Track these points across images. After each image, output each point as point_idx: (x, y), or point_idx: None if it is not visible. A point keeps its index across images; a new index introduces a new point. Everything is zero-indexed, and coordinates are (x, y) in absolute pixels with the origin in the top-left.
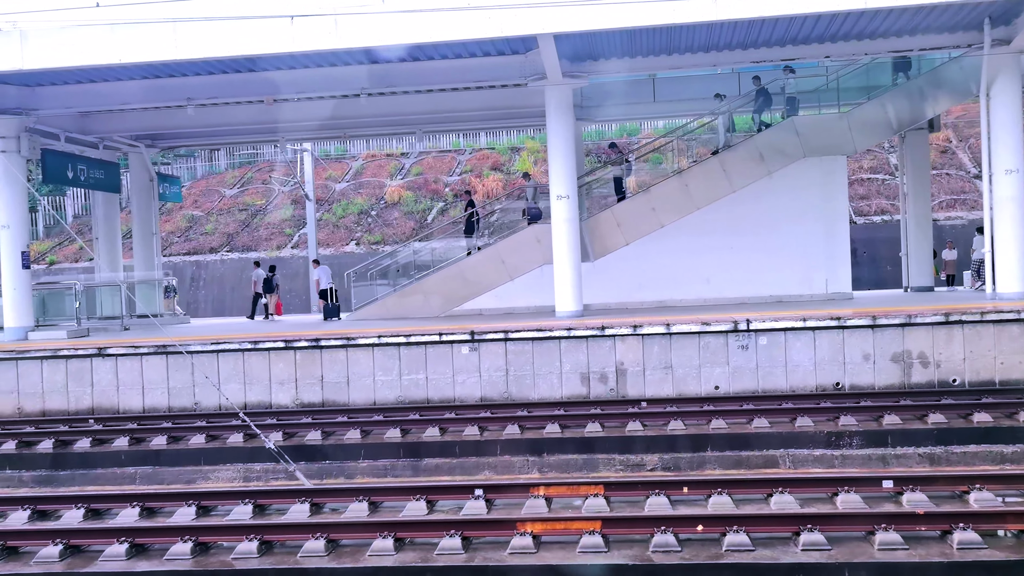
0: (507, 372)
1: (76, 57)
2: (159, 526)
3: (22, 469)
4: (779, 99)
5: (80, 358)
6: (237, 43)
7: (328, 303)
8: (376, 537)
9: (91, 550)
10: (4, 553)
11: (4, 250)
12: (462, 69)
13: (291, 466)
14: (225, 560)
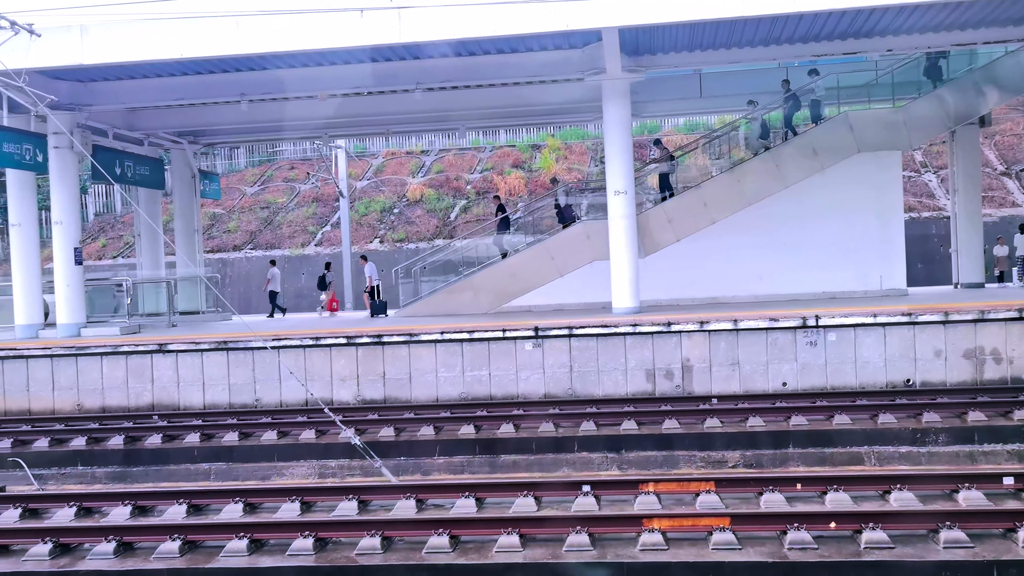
0: (571, 368)
1: (136, 52)
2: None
3: (94, 465)
4: (809, 100)
5: (140, 354)
6: (303, 37)
7: (375, 300)
8: (501, 534)
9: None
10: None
11: (57, 246)
12: (516, 64)
13: (377, 462)
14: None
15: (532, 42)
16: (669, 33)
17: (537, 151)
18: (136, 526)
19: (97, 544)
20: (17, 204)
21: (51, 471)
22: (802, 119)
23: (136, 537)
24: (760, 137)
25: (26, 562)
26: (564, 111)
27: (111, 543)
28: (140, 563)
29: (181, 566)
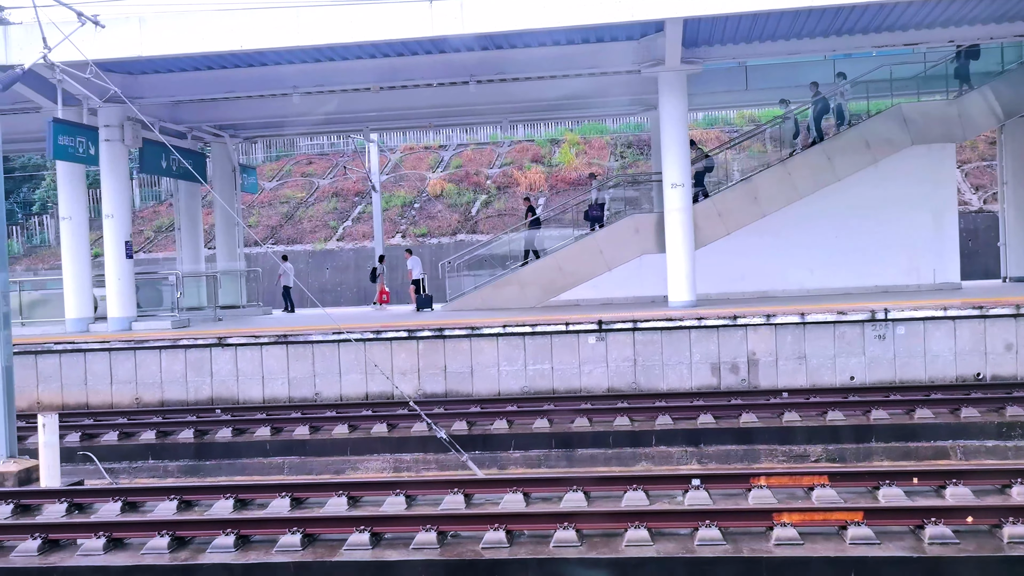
0: (635, 362)
1: (194, 44)
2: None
3: (165, 459)
4: (836, 103)
5: (200, 348)
6: (366, 28)
7: (420, 294)
8: (627, 528)
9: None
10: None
11: (108, 240)
12: (571, 56)
13: (463, 456)
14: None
15: (588, 34)
16: (730, 24)
17: (556, 146)
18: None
19: (216, 537)
20: (68, 197)
21: (122, 465)
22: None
23: (252, 530)
24: (794, 136)
25: (145, 555)
26: (609, 104)
27: (229, 536)
28: (262, 555)
29: (308, 559)
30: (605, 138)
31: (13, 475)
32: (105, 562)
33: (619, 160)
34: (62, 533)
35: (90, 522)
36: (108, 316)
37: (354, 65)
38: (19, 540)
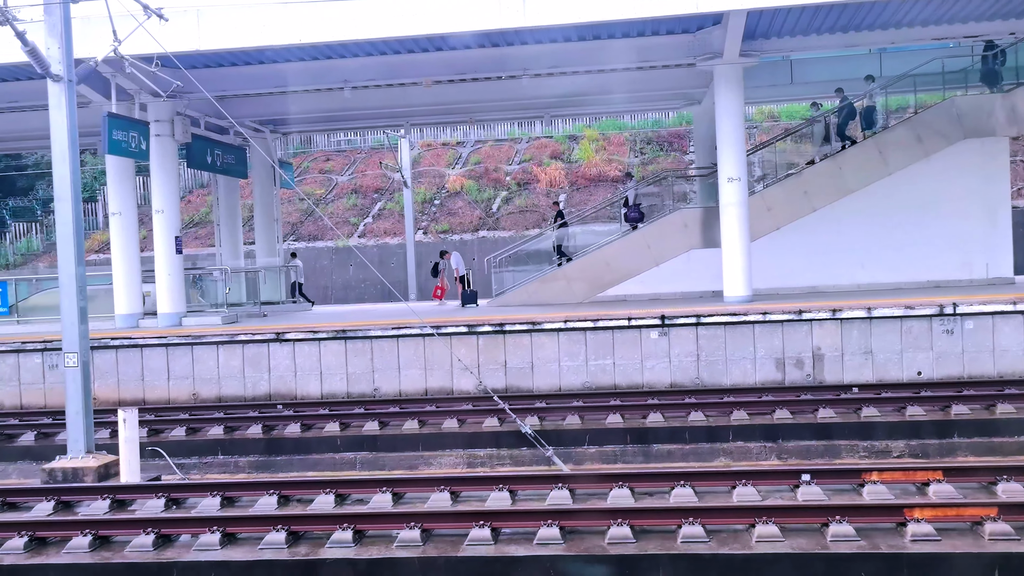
0: (698, 357)
1: (252, 37)
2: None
3: (235, 455)
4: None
5: (258, 343)
6: (425, 22)
7: (465, 290)
8: (755, 523)
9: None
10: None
11: (158, 235)
12: (625, 49)
13: (548, 451)
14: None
15: (643, 27)
16: (791, 16)
17: (574, 142)
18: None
19: (334, 532)
20: (118, 192)
21: (191, 460)
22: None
23: (370, 525)
24: (824, 139)
25: (264, 550)
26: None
27: (347, 531)
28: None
29: (432, 554)
30: (624, 134)
31: (93, 470)
32: (225, 557)
33: (639, 156)
34: (173, 528)
35: (200, 516)
36: (158, 312)
37: (407, 59)
38: (131, 535)
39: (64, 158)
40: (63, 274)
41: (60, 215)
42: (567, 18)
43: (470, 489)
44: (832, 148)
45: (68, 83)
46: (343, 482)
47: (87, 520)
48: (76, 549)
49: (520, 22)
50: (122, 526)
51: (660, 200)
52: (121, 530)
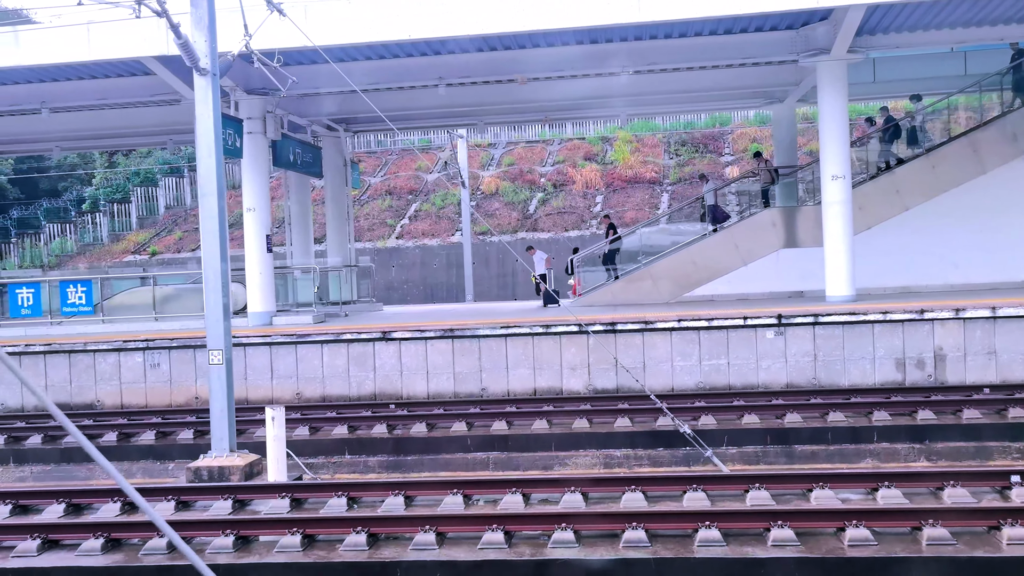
0: (815, 357)
1: (362, 33)
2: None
3: (363, 454)
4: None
5: (363, 342)
6: (538, 17)
7: (547, 290)
8: (922, 525)
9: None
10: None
11: (249, 233)
12: (723, 46)
13: (707, 451)
14: None
15: (745, 22)
16: (906, 11)
17: (607, 143)
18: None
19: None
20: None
21: (317, 460)
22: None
23: (518, 526)
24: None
25: (414, 550)
26: (734, 96)
27: (497, 532)
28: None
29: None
30: (658, 136)
31: (239, 469)
32: (446, 556)
33: (674, 158)
34: (388, 527)
35: (416, 516)
36: (248, 311)
37: (501, 56)
38: (343, 534)
39: (210, 152)
40: (208, 270)
41: (205, 210)
42: (684, 13)
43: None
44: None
45: (213, 76)
46: (475, 482)
47: (295, 519)
48: (289, 548)
49: (635, 17)
50: (328, 524)
51: (762, 198)
52: (326, 529)
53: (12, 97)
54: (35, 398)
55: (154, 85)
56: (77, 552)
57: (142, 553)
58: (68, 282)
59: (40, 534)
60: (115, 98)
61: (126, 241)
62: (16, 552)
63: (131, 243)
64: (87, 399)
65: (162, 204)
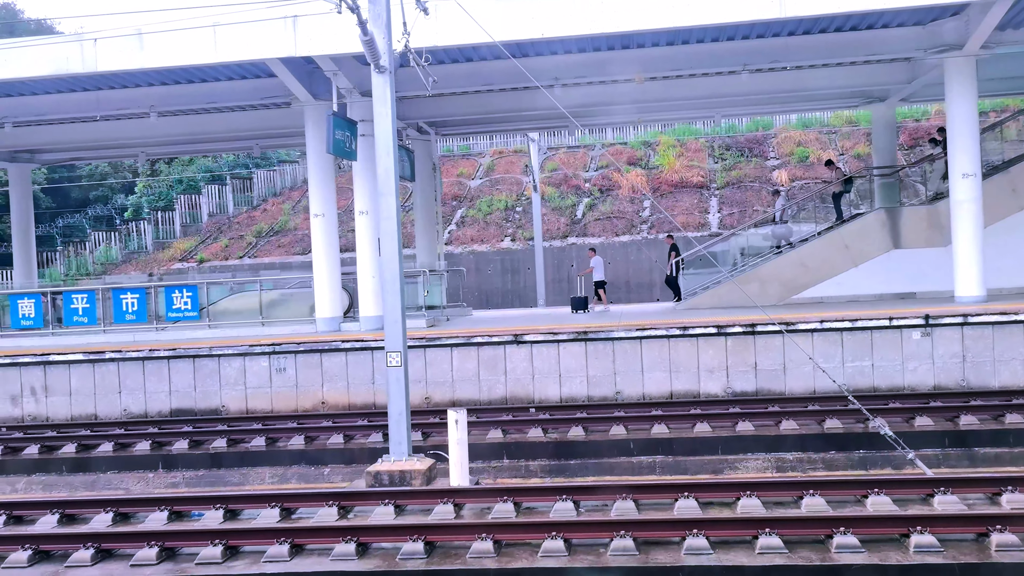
0: (963, 358)
1: (488, 32)
2: None
3: (520, 459)
4: None
5: (494, 345)
6: (671, 14)
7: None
8: None
9: None
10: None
11: (362, 237)
12: (848, 43)
13: (909, 453)
14: None
15: (873, 18)
16: None
17: (649, 148)
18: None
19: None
20: (320, 194)
21: (476, 464)
22: None
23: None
24: None
25: (545, 558)
26: (829, 96)
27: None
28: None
29: None
30: (700, 140)
31: (421, 473)
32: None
33: (719, 162)
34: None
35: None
36: (360, 315)
37: (616, 56)
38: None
39: (388, 151)
40: (386, 271)
41: (384, 210)
42: (823, 9)
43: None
44: None
45: (390, 74)
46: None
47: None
48: (480, 553)
49: (776, 13)
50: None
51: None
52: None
53: (124, 101)
54: (158, 403)
55: (266, 88)
56: (264, 557)
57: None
58: (173, 287)
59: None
60: (224, 101)
61: (172, 249)
62: (201, 559)
63: (177, 251)
64: (212, 404)
65: (205, 212)
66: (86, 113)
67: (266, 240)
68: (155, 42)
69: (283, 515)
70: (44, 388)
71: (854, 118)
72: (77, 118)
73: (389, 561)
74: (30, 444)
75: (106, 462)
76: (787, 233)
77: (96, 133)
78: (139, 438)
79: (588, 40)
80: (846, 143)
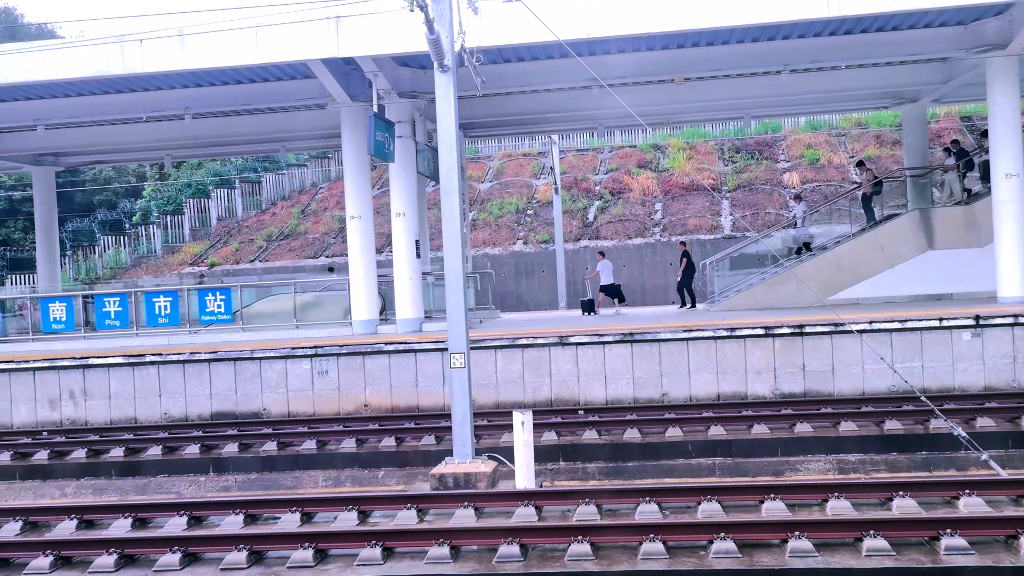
0: (1014, 359)
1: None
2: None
3: (577, 461)
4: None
5: (538, 347)
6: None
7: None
8: None
9: None
10: None
11: (398, 239)
12: (889, 42)
13: (983, 455)
14: None
15: (915, 18)
16: None
17: (658, 151)
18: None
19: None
20: (357, 197)
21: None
22: None
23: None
24: None
25: (645, 560)
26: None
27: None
28: None
29: None
30: (710, 143)
31: (486, 476)
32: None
33: (729, 165)
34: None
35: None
36: (397, 317)
37: (664, 56)
38: None
39: (452, 151)
40: (450, 271)
41: (446, 210)
42: (872, 7)
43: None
44: None
45: (453, 73)
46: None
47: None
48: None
49: (823, 12)
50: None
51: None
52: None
53: (159, 103)
54: (199, 407)
55: (303, 89)
56: (357, 560)
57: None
58: (206, 290)
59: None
60: (260, 103)
61: (182, 253)
62: (292, 562)
63: (187, 255)
64: (253, 407)
65: (214, 215)
66: (119, 115)
67: (276, 244)
68: (196, 43)
69: (361, 518)
70: (83, 392)
71: (863, 120)
72: (106, 120)
73: (485, 564)
74: (76, 448)
75: (155, 466)
76: (808, 238)
77: (122, 135)
78: (186, 441)
79: (629, 41)
80: (856, 145)
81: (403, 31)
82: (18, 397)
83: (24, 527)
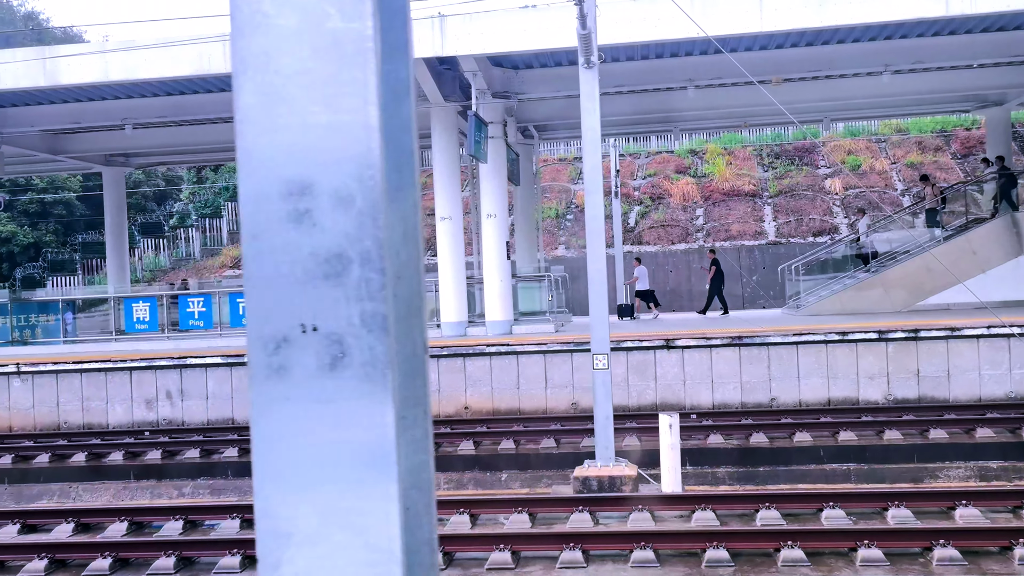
0: None
1: (647, 32)
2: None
3: (704, 465)
4: None
5: (643, 350)
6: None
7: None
8: None
9: None
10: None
11: (488, 240)
12: (989, 42)
13: None
14: None
15: (1022, 19)
16: None
17: (696, 156)
18: None
19: None
20: (446, 197)
21: (656, 470)
22: None
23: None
24: None
25: (866, 568)
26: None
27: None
28: None
29: None
30: (748, 149)
31: (631, 479)
32: None
33: (769, 171)
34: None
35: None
36: (487, 319)
37: (755, 57)
38: None
39: (596, 148)
40: (592, 270)
41: (590, 208)
42: (1005, 5)
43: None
44: None
45: (596, 69)
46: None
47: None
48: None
49: (940, 11)
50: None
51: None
52: None
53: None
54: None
55: None
56: (559, 563)
57: None
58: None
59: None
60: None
61: (222, 256)
62: (490, 564)
63: (227, 258)
64: None
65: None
66: (201, 116)
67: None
68: None
69: (532, 520)
70: (180, 392)
71: (904, 127)
72: (196, 120)
73: (694, 568)
74: (187, 448)
75: None
76: (874, 249)
77: (196, 136)
78: None
79: (727, 41)
80: (897, 151)
81: (509, 30)
82: (114, 397)
83: (129, 527)
